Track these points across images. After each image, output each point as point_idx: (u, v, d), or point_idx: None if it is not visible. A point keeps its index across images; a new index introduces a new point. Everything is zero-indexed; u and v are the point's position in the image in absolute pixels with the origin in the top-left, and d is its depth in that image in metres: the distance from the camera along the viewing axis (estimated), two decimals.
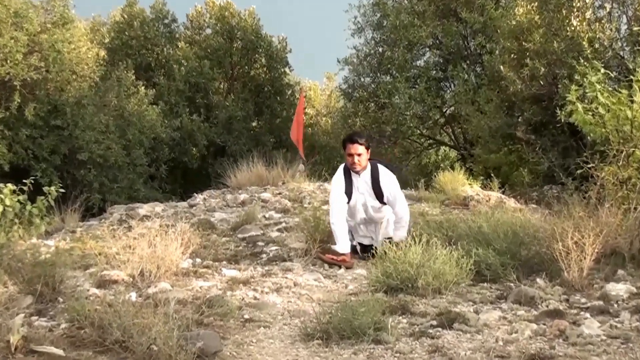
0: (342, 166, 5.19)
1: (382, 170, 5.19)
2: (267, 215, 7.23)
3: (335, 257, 4.93)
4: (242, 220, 6.71)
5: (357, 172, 5.10)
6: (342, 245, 5.01)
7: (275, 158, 10.05)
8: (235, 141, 16.91)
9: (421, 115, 15.33)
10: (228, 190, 9.49)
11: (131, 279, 4.38)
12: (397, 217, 5.18)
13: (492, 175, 9.40)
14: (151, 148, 14.79)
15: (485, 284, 4.26)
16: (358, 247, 5.33)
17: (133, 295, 3.99)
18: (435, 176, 9.23)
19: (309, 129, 18.35)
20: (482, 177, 10.22)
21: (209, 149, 16.96)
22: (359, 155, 5.07)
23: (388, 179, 5.18)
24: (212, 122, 17.07)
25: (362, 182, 5.14)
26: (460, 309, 3.78)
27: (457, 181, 8.64)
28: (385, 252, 4.20)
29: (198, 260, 5.12)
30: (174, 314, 3.15)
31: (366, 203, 5.16)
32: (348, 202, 5.09)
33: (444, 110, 16.32)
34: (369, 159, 5.23)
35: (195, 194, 9.34)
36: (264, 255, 5.41)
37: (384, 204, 5.17)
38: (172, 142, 15.68)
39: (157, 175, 15.03)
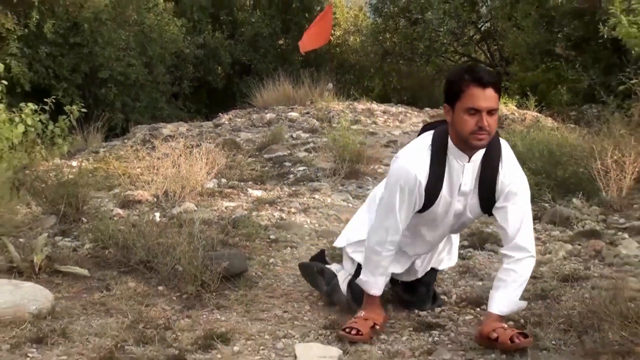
0: (425, 139, 2.50)
1: (508, 154, 2.54)
2: (294, 135, 7.26)
3: (354, 323, 2.53)
4: (268, 140, 6.72)
5: (475, 149, 2.46)
6: (376, 282, 2.61)
7: (302, 77, 9.83)
8: (261, 59, 16.49)
9: (455, 32, 14.56)
10: (254, 109, 9.45)
11: (155, 199, 4.39)
12: (510, 259, 2.46)
13: (529, 94, 9.08)
14: (174, 66, 14.70)
15: None
16: (388, 289, 2.82)
17: (157, 216, 3.97)
18: None
19: (337, 48, 17.71)
20: (517, 96, 9.85)
21: (234, 68, 16.66)
22: (492, 113, 2.38)
23: (515, 175, 2.49)
24: (237, 39, 16.72)
25: (469, 171, 2.49)
26: (492, 230, 3.71)
27: None
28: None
29: (223, 180, 5.11)
30: (199, 234, 3.09)
31: (462, 212, 2.57)
32: (425, 210, 2.51)
33: (480, 26, 15.53)
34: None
35: (220, 113, 9.32)
36: (291, 176, 5.41)
37: (490, 215, 2.55)
38: (195, 60, 15.55)
39: (180, 93, 14.92)
